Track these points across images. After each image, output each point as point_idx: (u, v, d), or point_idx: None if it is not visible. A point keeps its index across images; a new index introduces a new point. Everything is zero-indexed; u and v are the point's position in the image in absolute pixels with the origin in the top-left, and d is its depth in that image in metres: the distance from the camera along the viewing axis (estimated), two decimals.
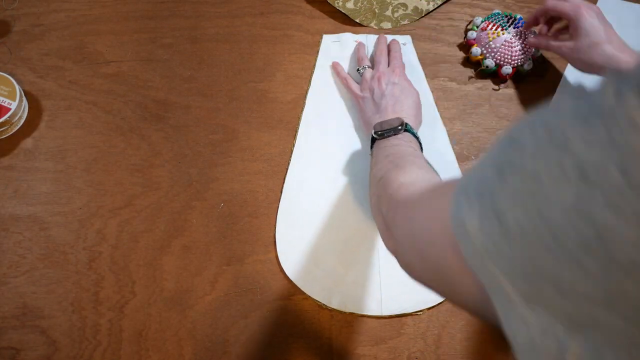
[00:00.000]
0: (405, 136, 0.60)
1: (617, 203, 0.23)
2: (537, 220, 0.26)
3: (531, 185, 0.27)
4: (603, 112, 0.25)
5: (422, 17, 0.80)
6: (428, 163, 0.55)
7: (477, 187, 0.30)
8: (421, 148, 0.61)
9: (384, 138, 0.61)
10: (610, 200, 0.24)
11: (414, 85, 0.70)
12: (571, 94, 0.29)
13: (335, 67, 0.75)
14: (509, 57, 0.74)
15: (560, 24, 0.73)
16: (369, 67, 0.72)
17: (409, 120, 0.63)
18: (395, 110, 0.64)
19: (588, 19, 0.65)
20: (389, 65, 0.72)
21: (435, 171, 0.53)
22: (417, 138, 0.61)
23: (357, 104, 0.71)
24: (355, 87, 0.71)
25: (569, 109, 0.28)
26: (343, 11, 0.78)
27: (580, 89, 0.29)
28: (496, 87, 0.76)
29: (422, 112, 0.68)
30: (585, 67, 0.67)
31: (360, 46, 0.76)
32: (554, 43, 0.70)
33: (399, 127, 0.60)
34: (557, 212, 0.25)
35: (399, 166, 0.52)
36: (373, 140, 0.62)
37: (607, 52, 0.64)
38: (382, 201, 0.49)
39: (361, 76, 0.72)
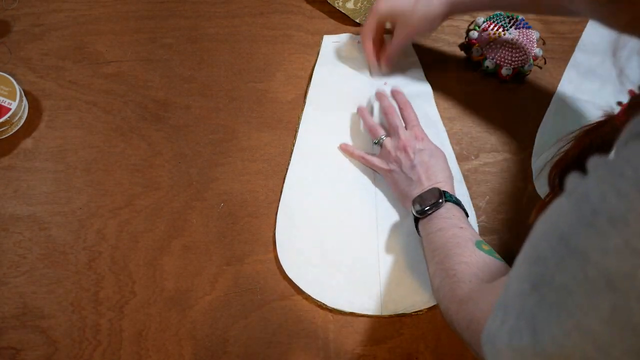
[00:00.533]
0: (446, 210, 0.59)
1: None
2: (576, 335, 0.26)
3: (563, 298, 0.27)
4: (611, 217, 0.25)
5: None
6: (470, 225, 0.59)
7: (514, 303, 0.30)
8: (465, 212, 0.60)
9: (426, 216, 0.60)
10: None
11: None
12: (567, 192, 0.30)
13: (346, 149, 0.70)
14: (510, 57, 0.74)
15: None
16: (386, 136, 0.68)
17: (445, 184, 0.62)
18: (430, 177, 0.62)
19: (381, 4, 0.69)
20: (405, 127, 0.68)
21: (477, 236, 0.57)
22: (457, 202, 0.60)
23: (385, 177, 0.68)
24: (377, 161, 0.67)
25: (570, 211, 0.28)
26: (343, 11, 0.78)
27: (573, 183, 0.30)
28: (497, 85, 0.76)
29: (449, 165, 0.66)
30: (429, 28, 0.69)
31: (364, 113, 0.71)
32: (395, 41, 0.71)
33: (440, 201, 0.59)
34: (597, 324, 0.25)
35: (449, 275, 0.53)
36: (416, 219, 0.61)
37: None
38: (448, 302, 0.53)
39: (380, 147, 0.68)
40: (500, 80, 0.76)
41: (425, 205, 0.60)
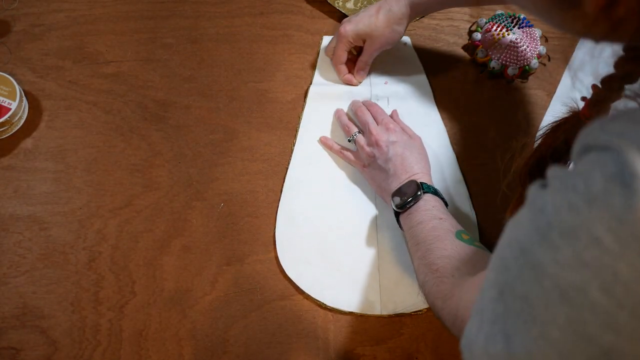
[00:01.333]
0: (425, 202, 0.59)
1: (612, 324, 0.24)
2: (542, 343, 0.26)
3: (525, 308, 0.27)
4: (563, 230, 0.26)
5: (422, 17, 0.80)
6: (449, 215, 0.58)
7: (488, 308, 0.31)
8: (444, 201, 0.60)
9: (406, 210, 0.59)
10: (603, 321, 0.24)
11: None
12: (528, 202, 0.30)
13: (325, 142, 0.71)
14: (515, 57, 0.74)
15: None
16: (359, 132, 0.68)
17: (422, 174, 0.62)
18: (406, 169, 0.62)
19: (346, 28, 0.68)
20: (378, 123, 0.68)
21: (457, 225, 0.57)
22: (435, 192, 0.60)
23: (363, 173, 0.68)
24: (353, 158, 0.68)
25: (529, 223, 0.29)
26: (343, 11, 0.78)
27: (533, 193, 0.30)
28: (497, 85, 0.76)
29: (427, 153, 0.66)
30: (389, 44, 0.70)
31: (339, 113, 0.72)
32: (365, 57, 0.71)
33: (418, 193, 0.59)
34: (557, 334, 0.26)
35: (432, 270, 0.53)
36: (396, 213, 0.61)
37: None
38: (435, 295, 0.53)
39: (355, 144, 0.68)
40: (507, 81, 0.76)
41: (405, 199, 0.59)
